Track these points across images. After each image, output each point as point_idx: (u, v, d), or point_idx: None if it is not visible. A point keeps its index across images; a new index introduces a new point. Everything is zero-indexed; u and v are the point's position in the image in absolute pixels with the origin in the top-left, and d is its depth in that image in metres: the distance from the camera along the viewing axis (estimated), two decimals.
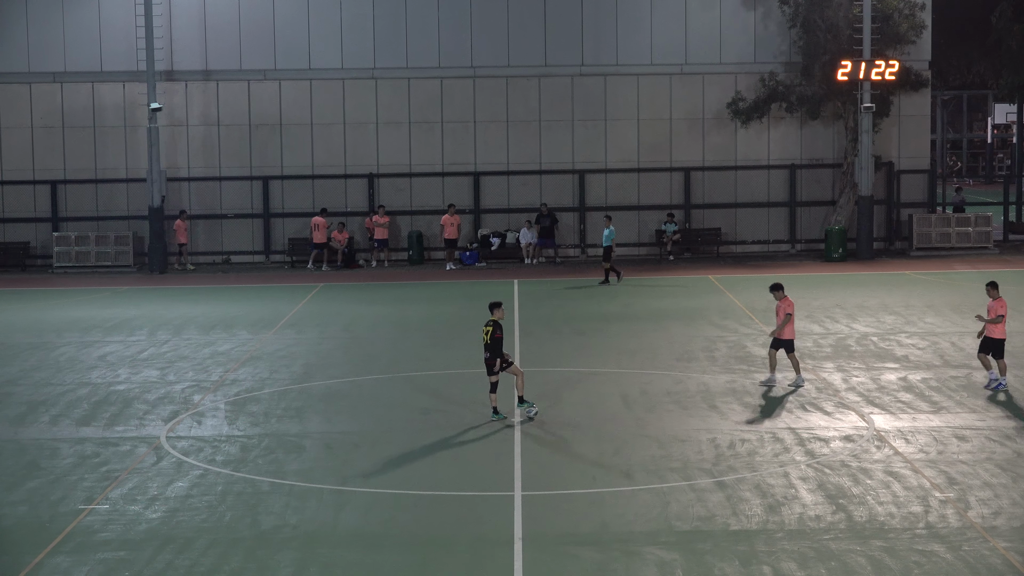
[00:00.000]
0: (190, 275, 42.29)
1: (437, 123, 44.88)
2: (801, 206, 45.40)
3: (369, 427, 20.40)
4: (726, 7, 44.66)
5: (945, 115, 66.76)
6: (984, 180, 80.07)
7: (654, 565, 13.93)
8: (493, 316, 20.45)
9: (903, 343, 26.81)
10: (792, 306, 22.87)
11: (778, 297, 22.93)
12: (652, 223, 45.19)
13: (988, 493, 16.27)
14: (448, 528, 15.33)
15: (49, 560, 14.39)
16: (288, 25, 44.47)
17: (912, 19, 43.95)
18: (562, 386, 23.11)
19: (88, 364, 26.08)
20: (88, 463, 18.43)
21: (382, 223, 43.37)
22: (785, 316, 22.61)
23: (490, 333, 20.27)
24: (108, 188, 44.82)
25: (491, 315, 20.48)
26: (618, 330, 29.18)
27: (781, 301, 22.84)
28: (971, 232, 44.74)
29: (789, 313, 22.65)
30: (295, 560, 14.29)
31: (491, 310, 20.57)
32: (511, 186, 45.03)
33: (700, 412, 20.98)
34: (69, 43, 44.38)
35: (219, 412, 21.55)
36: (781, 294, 22.92)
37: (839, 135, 45.13)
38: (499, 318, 20.46)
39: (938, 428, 19.65)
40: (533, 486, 16.85)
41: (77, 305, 35.05)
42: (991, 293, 22.52)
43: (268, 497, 16.62)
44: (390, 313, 32.58)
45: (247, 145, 44.73)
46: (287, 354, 26.89)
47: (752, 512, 15.62)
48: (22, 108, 44.70)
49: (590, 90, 44.80)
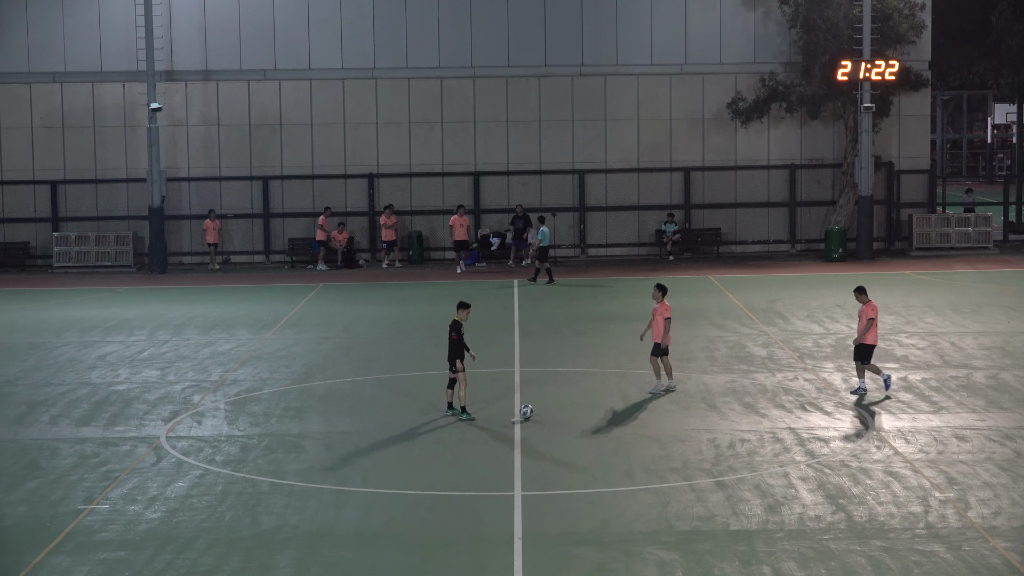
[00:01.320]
0: (190, 275, 42.28)
1: (437, 123, 44.88)
2: (801, 206, 45.40)
3: (369, 427, 20.39)
4: (726, 7, 44.66)
5: (945, 115, 66.80)
6: (984, 180, 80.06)
7: (654, 565, 13.93)
8: (456, 316, 20.53)
9: (903, 343, 26.81)
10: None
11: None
12: (652, 223, 45.19)
13: (988, 493, 16.27)
14: (448, 528, 15.33)
15: (49, 560, 14.39)
16: (288, 25, 44.48)
17: (912, 19, 43.95)
18: (562, 386, 23.11)
19: (88, 364, 26.08)
20: (88, 463, 18.43)
21: (390, 224, 43.31)
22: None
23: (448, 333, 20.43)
24: (108, 188, 44.82)
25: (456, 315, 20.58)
26: (618, 330, 29.17)
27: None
28: (971, 232, 44.74)
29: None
30: (295, 560, 14.28)
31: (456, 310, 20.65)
32: (511, 186, 45.03)
33: (700, 412, 20.98)
34: (69, 43, 44.38)
35: (219, 412, 21.55)
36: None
37: (839, 135, 45.13)
38: (462, 319, 20.49)
39: (938, 428, 19.65)
40: (533, 486, 16.85)
41: (77, 305, 35.05)
42: (859, 298, 21.86)
43: (268, 497, 16.62)
44: (390, 313, 32.57)
45: (247, 145, 44.73)
46: (287, 354, 26.89)
47: (752, 512, 15.62)
48: (22, 108, 44.70)
49: (590, 90, 44.81)
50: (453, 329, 20.34)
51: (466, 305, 20.70)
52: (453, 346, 20.32)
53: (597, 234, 45.24)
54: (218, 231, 43.55)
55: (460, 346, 20.33)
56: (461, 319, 20.44)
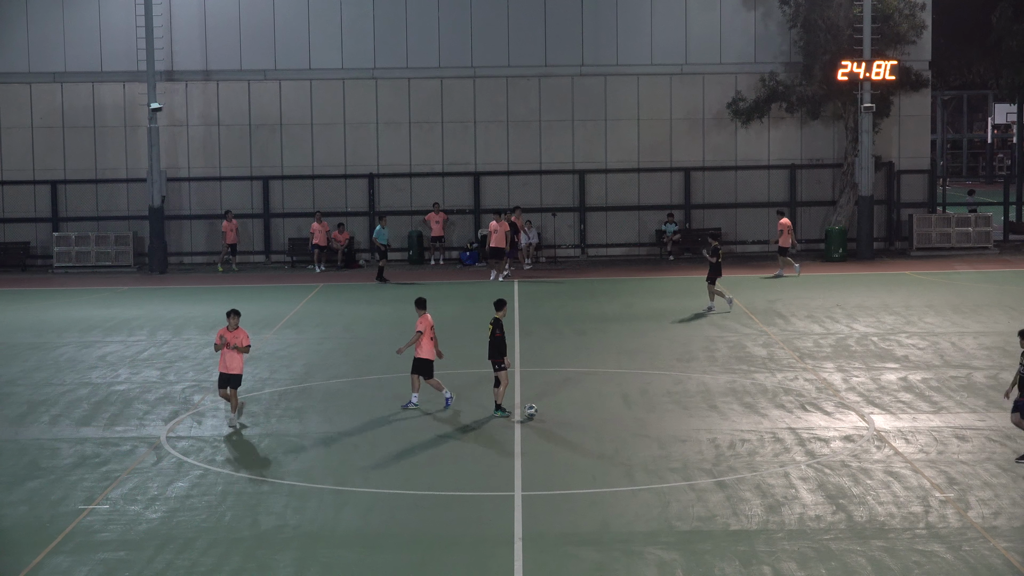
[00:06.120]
0: (190, 275, 42.24)
1: (437, 123, 44.87)
2: (801, 206, 45.37)
3: (369, 427, 20.40)
4: (726, 7, 44.65)
5: (945, 115, 66.77)
6: (984, 180, 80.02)
7: (654, 565, 13.93)
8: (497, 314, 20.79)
9: (903, 343, 26.80)
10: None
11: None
12: (652, 223, 45.17)
13: (988, 493, 16.27)
14: (448, 528, 15.33)
15: (49, 560, 14.39)
16: (288, 25, 44.46)
17: (912, 19, 43.94)
18: (562, 386, 23.11)
19: (88, 364, 26.08)
20: (88, 463, 18.43)
21: (438, 220, 43.21)
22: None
23: (491, 331, 20.66)
24: (108, 188, 44.80)
25: (495, 313, 20.85)
26: (618, 330, 29.17)
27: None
28: (971, 232, 44.71)
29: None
30: (295, 560, 14.29)
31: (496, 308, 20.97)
32: (511, 186, 45.01)
33: (700, 412, 20.98)
34: (69, 43, 44.36)
35: (219, 412, 21.54)
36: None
37: (839, 135, 45.11)
38: (502, 316, 20.82)
39: (938, 428, 19.65)
40: (533, 486, 16.85)
41: (77, 305, 35.04)
42: (418, 311, 21.48)
43: (268, 497, 16.62)
44: (390, 313, 32.55)
45: (247, 145, 44.71)
46: (287, 354, 26.89)
47: (752, 512, 15.62)
48: (22, 108, 44.69)
49: (590, 90, 44.79)
50: (497, 327, 20.61)
51: (504, 303, 21.06)
52: (499, 343, 20.55)
53: (597, 234, 45.22)
54: (236, 232, 43.23)
55: (503, 343, 20.59)
56: (501, 316, 20.76)
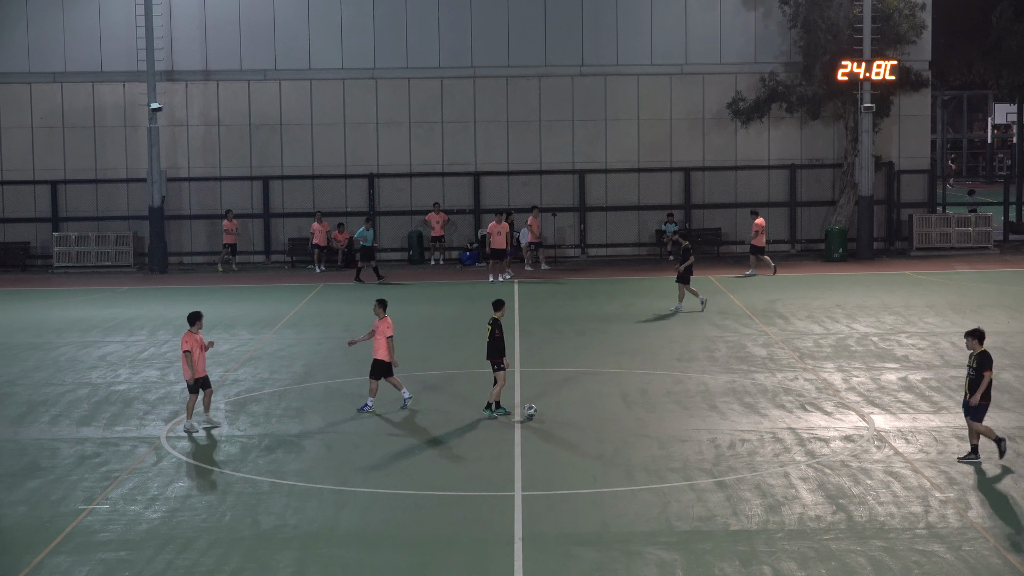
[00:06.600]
0: (190, 275, 42.25)
1: (437, 123, 44.87)
2: (801, 206, 45.39)
3: (369, 427, 20.40)
4: (726, 7, 44.65)
5: (945, 115, 66.73)
6: (984, 180, 80.00)
7: (654, 565, 13.93)
8: (495, 315, 20.77)
9: (903, 343, 26.80)
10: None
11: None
12: (652, 223, 45.18)
13: (988, 493, 16.26)
14: (448, 528, 15.33)
15: (49, 560, 14.39)
16: (288, 25, 44.47)
17: (912, 19, 43.95)
18: (562, 386, 23.11)
19: (88, 364, 26.08)
20: (88, 463, 18.43)
21: (439, 220, 43.22)
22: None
23: (490, 331, 20.65)
24: (108, 188, 44.81)
25: (493, 313, 20.83)
26: (618, 330, 29.17)
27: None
28: (971, 232, 44.72)
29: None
30: (295, 560, 14.29)
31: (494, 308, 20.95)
32: (511, 186, 45.02)
33: (700, 412, 20.98)
34: (69, 43, 44.37)
35: (219, 412, 21.54)
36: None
37: (839, 135, 45.12)
38: (499, 316, 20.80)
39: (938, 428, 19.65)
40: (533, 486, 16.85)
41: (77, 305, 35.04)
42: (377, 312, 21.51)
43: (268, 497, 16.62)
44: (389, 313, 32.45)
45: (247, 145, 44.72)
46: (287, 354, 26.89)
47: (752, 512, 15.62)
48: (22, 108, 44.69)
49: (590, 90, 44.80)
50: (496, 327, 20.60)
51: (502, 303, 21.05)
52: (498, 343, 20.56)
53: (597, 234, 45.23)
54: (235, 231, 43.19)
55: (502, 343, 20.60)
56: (499, 317, 20.77)
